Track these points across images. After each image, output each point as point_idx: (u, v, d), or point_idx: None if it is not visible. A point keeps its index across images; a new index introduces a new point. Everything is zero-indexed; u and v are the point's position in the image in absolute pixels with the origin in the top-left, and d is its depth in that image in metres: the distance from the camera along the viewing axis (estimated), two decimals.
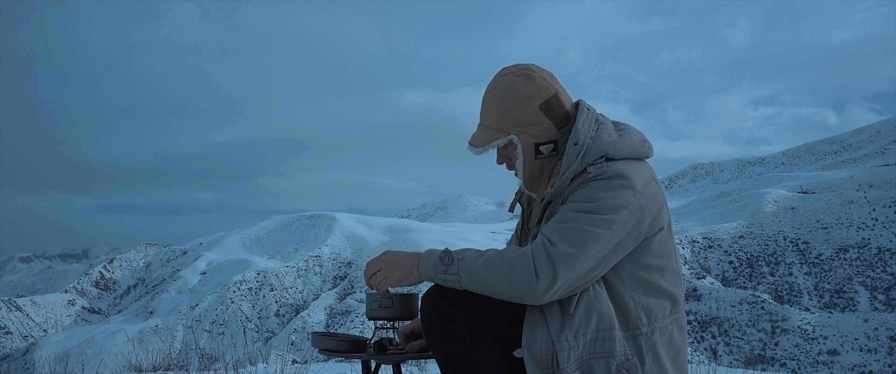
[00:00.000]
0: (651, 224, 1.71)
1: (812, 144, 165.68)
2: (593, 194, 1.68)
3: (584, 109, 1.83)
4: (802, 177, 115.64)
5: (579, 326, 1.64)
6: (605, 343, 1.64)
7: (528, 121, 1.80)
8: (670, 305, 1.75)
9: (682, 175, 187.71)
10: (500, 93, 1.82)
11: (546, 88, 1.81)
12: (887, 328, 71.30)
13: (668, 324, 1.74)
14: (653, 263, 1.74)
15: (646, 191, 1.70)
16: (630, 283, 1.71)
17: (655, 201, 1.72)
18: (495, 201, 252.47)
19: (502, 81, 1.83)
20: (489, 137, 1.85)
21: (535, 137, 1.81)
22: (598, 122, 1.83)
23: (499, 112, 1.82)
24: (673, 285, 1.77)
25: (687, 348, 1.82)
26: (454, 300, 1.68)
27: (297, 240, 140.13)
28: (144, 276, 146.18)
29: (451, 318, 1.68)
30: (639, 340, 1.68)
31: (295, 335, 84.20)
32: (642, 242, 1.72)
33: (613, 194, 1.67)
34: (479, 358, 1.67)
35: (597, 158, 1.74)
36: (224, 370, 4.64)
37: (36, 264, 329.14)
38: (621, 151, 1.77)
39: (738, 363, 46.59)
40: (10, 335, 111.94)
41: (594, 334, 1.64)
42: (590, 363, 1.64)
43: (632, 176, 1.69)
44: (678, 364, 1.75)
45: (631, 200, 1.67)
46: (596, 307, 1.66)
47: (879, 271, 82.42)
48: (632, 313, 1.69)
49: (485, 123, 1.87)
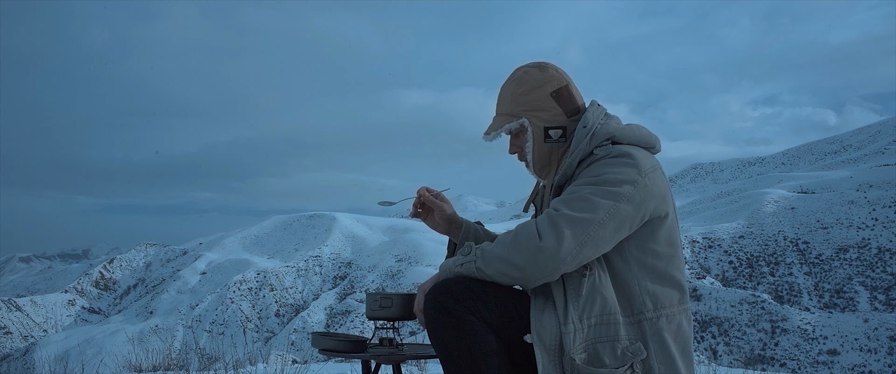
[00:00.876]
0: (656, 207, 1.74)
1: (812, 144, 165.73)
2: (599, 169, 1.75)
3: (596, 105, 1.94)
4: (802, 177, 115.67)
5: (584, 309, 1.67)
6: (609, 327, 1.67)
7: (540, 106, 1.91)
8: (679, 294, 1.77)
9: (682, 175, 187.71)
10: (514, 81, 1.95)
11: (558, 78, 1.93)
12: (887, 328, 71.32)
13: (677, 313, 1.75)
14: (661, 250, 1.76)
15: (652, 174, 1.75)
16: (637, 268, 1.74)
17: (660, 186, 1.76)
18: (495, 200, 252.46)
19: (517, 71, 1.97)
20: (502, 122, 1.96)
21: (545, 122, 1.91)
22: (607, 115, 1.93)
23: (512, 98, 1.94)
24: (681, 274, 1.79)
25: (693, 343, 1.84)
26: (458, 297, 1.69)
27: (297, 240, 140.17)
28: (144, 276, 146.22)
29: (455, 315, 1.68)
30: (643, 325, 1.70)
31: (295, 335, 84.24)
32: (649, 226, 1.75)
33: (619, 169, 1.72)
34: (482, 355, 1.67)
35: (603, 140, 1.82)
36: (224, 370, 4.64)
37: (36, 264, 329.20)
38: (628, 137, 1.84)
39: (738, 363, 46.59)
40: (10, 335, 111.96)
41: (599, 317, 1.67)
42: (595, 347, 1.66)
43: (637, 156, 1.75)
44: (686, 356, 1.74)
45: (636, 177, 1.71)
46: (600, 291, 1.69)
47: (879, 271, 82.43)
48: (636, 298, 1.72)
49: (499, 112, 1.99)
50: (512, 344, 1.73)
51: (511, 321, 1.72)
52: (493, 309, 1.71)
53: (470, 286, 1.71)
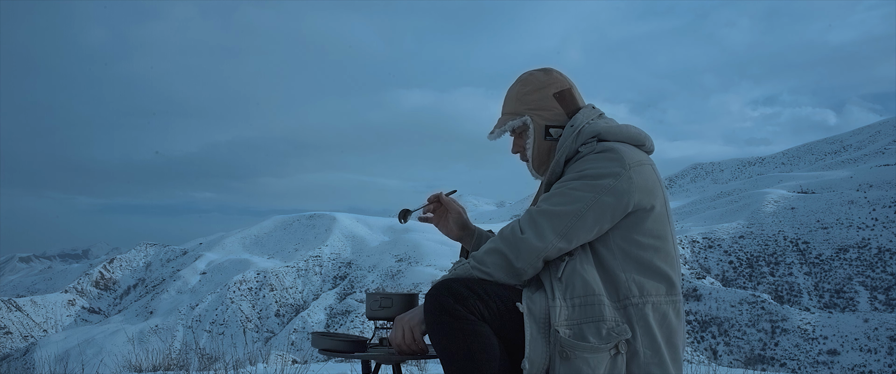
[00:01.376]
0: (641, 199, 1.77)
1: (812, 144, 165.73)
2: (582, 165, 1.82)
3: (591, 108, 2.02)
4: (802, 177, 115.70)
5: (567, 289, 1.72)
6: (593, 308, 1.70)
7: (543, 105, 1.99)
8: (666, 286, 1.79)
9: (682, 175, 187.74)
10: (520, 82, 2.05)
11: (562, 81, 2.02)
12: (887, 328, 71.36)
13: (663, 303, 1.77)
14: (646, 241, 1.78)
15: (637, 167, 1.78)
16: (621, 258, 1.77)
17: (647, 179, 1.79)
18: (495, 200, 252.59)
19: (524, 74, 2.07)
20: (506, 121, 2.05)
21: (547, 120, 1.99)
22: (601, 116, 1.99)
23: (517, 97, 2.03)
24: (669, 267, 1.80)
25: (684, 334, 1.84)
26: (458, 297, 1.71)
27: (297, 240, 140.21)
28: (144, 276, 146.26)
29: (455, 315, 1.69)
30: (629, 310, 1.73)
31: (295, 335, 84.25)
32: (633, 218, 1.78)
33: (601, 163, 1.78)
34: (483, 355, 1.68)
35: (589, 138, 1.88)
36: (224, 370, 4.64)
37: (36, 264, 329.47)
38: (615, 134, 1.88)
39: (738, 363, 46.61)
40: (10, 335, 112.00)
41: (582, 299, 1.71)
42: (581, 327, 1.69)
43: (621, 150, 1.79)
44: (672, 346, 1.76)
45: (618, 169, 1.76)
46: (580, 273, 1.73)
47: (879, 271, 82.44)
48: (622, 284, 1.74)
49: (504, 111, 2.08)
50: (512, 344, 1.73)
51: (512, 320, 1.73)
52: (493, 309, 1.72)
53: (470, 286, 1.73)
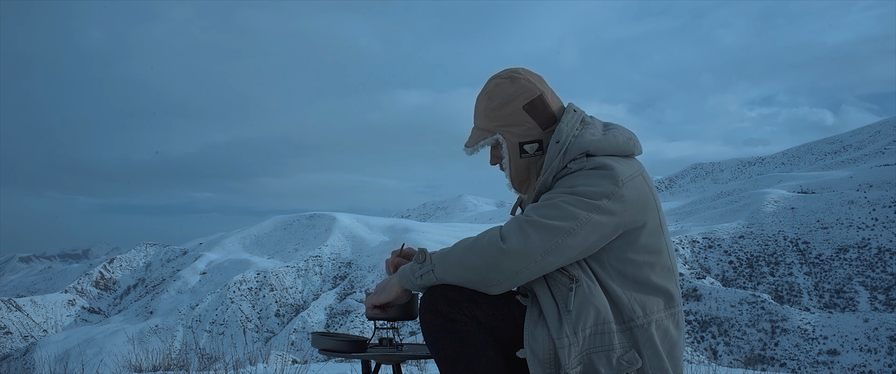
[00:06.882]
0: (632, 218, 1.71)
1: (812, 144, 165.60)
2: (574, 180, 1.72)
3: (571, 111, 1.88)
4: (802, 177, 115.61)
5: (578, 321, 1.64)
6: (604, 337, 1.65)
7: (513, 121, 1.86)
8: (664, 300, 1.75)
9: (681, 175, 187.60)
10: (486, 95, 1.90)
11: (530, 89, 1.86)
12: (887, 328, 71.29)
13: (664, 319, 1.75)
14: (641, 259, 1.73)
15: (630, 182, 1.71)
16: (618, 278, 1.72)
17: (641, 194, 1.72)
18: (495, 201, 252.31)
19: (489, 84, 1.92)
20: (478, 137, 1.93)
21: (519, 137, 1.86)
22: (583, 122, 1.86)
23: (486, 113, 1.89)
24: (666, 281, 1.77)
25: (684, 344, 1.83)
26: (453, 300, 1.69)
27: (297, 240, 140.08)
28: (144, 276, 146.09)
29: (451, 318, 1.68)
30: (635, 332, 1.70)
31: (295, 335, 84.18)
32: (628, 236, 1.73)
33: (595, 182, 1.69)
34: (479, 359, 1.67)
35: (578, 154, 1.77)
36: (224, 370, 4.63)
37: (36, 264, 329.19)
38: (604, 149, 1.78)
39: (738, 363, 46.61)
40: (10, 335, 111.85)
41: (594, 328, 1.65)
42: (591, 358, 1.65)
43: (614, 167, 1.71)
44: (673, 359, 1.74)
45: (613, 189, 1.68)
46: (592, 302, 1.66)
47: (879, 271, 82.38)
48: (625, 306, 1.70)
49: (476, 125, 1.95)
50: (507, 347, 1.72)
51: (506, 323, 1.71)
52: (488, 312, 1.70)
53: (465, 289, 1.70)
